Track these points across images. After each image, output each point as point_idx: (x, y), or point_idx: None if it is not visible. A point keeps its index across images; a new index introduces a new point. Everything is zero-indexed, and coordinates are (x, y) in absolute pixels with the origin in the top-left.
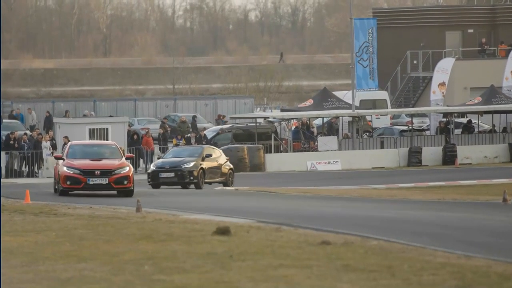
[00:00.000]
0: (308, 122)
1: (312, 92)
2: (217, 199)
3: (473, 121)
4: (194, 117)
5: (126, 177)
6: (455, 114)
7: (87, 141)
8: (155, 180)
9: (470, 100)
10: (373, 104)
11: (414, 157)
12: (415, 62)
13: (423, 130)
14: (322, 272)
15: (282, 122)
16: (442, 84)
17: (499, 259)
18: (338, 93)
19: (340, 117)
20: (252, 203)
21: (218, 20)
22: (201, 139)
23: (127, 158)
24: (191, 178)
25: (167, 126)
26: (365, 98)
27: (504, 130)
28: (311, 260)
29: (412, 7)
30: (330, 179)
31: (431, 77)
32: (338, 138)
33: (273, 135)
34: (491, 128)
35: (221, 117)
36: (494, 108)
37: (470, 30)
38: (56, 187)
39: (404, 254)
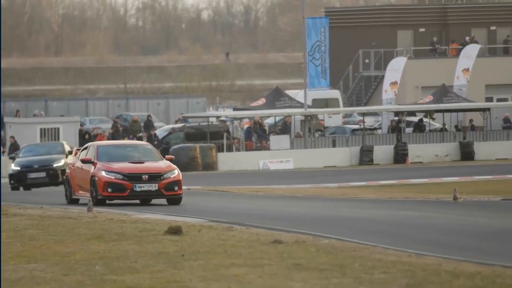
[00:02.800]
0: (260, 121)
1: (265, 91)
2: None
3: (424, 120)
4: (149, 116)
5: (177, 182)
6: (406, 113)
7: (116, 142)
8: (21, 181)
9: (422, 99)
10: (325, 103)
11: (366, 156)
12: (367, 61)
13: (375, 129)
14: (274, 271)
15: (234, 121)
16: (394, 83)
17: (449, 257)
18: (290, 92)
19: (292, 116)
20: (204, 203)
21: (170, 19)
22: (152, 139)
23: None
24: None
25: (119, 125)
26: (317, 97)
27: (455, 128)
28: (263, 259)
29: (364, 7)
30: (282, 178)
31: (383, 76)
32: (290, 137)
33: (225, 134)
34: (442, 127)
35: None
36: (445, 107)
37: (422, 29)
38: (94, 195)
39: (355, 252)
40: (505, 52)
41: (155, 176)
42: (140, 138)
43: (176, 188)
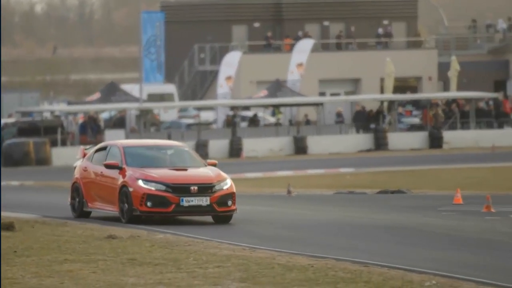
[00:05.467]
0: (95, 116)
1: (100, 85)
2: None
3: (259, 115)
4: None
5: (231, 196)
6: (241, 108)
7: (146, 141)
8: None
9: (257, 94)
10: (160, 97)
11: (201, 150)
12: (202, 56)
13: (210, 123)
14: (108, 266)
15: (68, 116)
16: (229, 77)
17: (283, 251)
18: (125, 87)
19: (128, 111)
20: (37, 198)
21: (3, 12)
22: None
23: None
24: None
25: None
26: (152, 91)
27: (289, 123)
28: (97, 255)
29: (200, 1)
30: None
31: (218, 71)
32: (125, 131)
33: (59, 129)
34: (276, 121)
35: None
36: (279, 102)
37: (256, 24)
38: (126, 210)
39: (190, 247)
40: (338, 48)
41: (205, 188)
42: None
43: (229, 203)
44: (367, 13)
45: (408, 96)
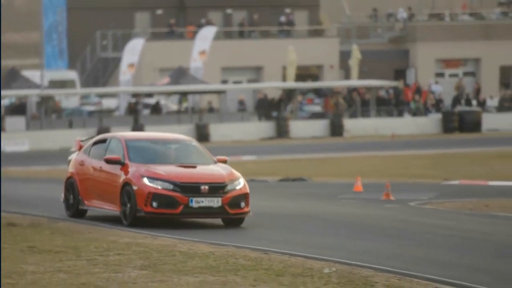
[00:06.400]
0: None
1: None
2: None
3: (161, 102)
4: None
5: (244, 197)
6: (143, 95)
7: (150, 134)
8: None
9: (159, 81)
10: (62, 84)
11: None
12: (105, 42)
13: (112, 110)
14: (8, 254)
15: None
16: (132, 65)
17: (184, 238)
18: (27, 73)
19: (29, 98)
20: None
21: None
22: None
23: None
24: None
25: None
26: (54, 78)
27: (192, 110)
28: None
29: None
30: (17, 160)
31: (121, 58)
32: (26, 118)
33: None
34: (179, 109)
35: None
36: (182, 89)
37: (159, 11)
38: (129, 210)
39: (91, 234)
40: (240, 36)
41: (217, 188)
42: None
43: (242, 205)
44: (269, 1)
45: (310, 84)
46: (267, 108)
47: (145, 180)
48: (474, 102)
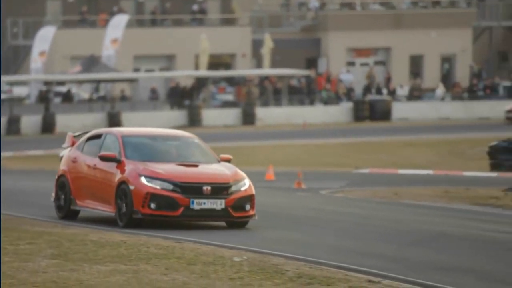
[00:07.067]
0: None
1: None
2: None
3: (72, 90)
4: None
5: (249, 199)
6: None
7: (148, 130)
8: None
9: (71, 69)
10: None
11: (13, 126)
12: (15, 30)
13: (23, 99)
14: None
15: None
16: (43, 52)
17: (96, 227)
18: None
19: None
20: None
21: None
22: None
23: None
24: None
25: None
26: None
27: (103, 98)
28: None
29: None
30: None
31: (32, 45)
32: None
33: None
34: (90, 97)
35: None
36: (94, 77)
37: None
38: (125, 211)
39: (3, 224)
40: (152, 24)
41: (220, 188)
42: None
43: (247, 207)
44: None
45: (222, 72)
46: (179, 96)
47: (143, 179)
48: (384, 91)
